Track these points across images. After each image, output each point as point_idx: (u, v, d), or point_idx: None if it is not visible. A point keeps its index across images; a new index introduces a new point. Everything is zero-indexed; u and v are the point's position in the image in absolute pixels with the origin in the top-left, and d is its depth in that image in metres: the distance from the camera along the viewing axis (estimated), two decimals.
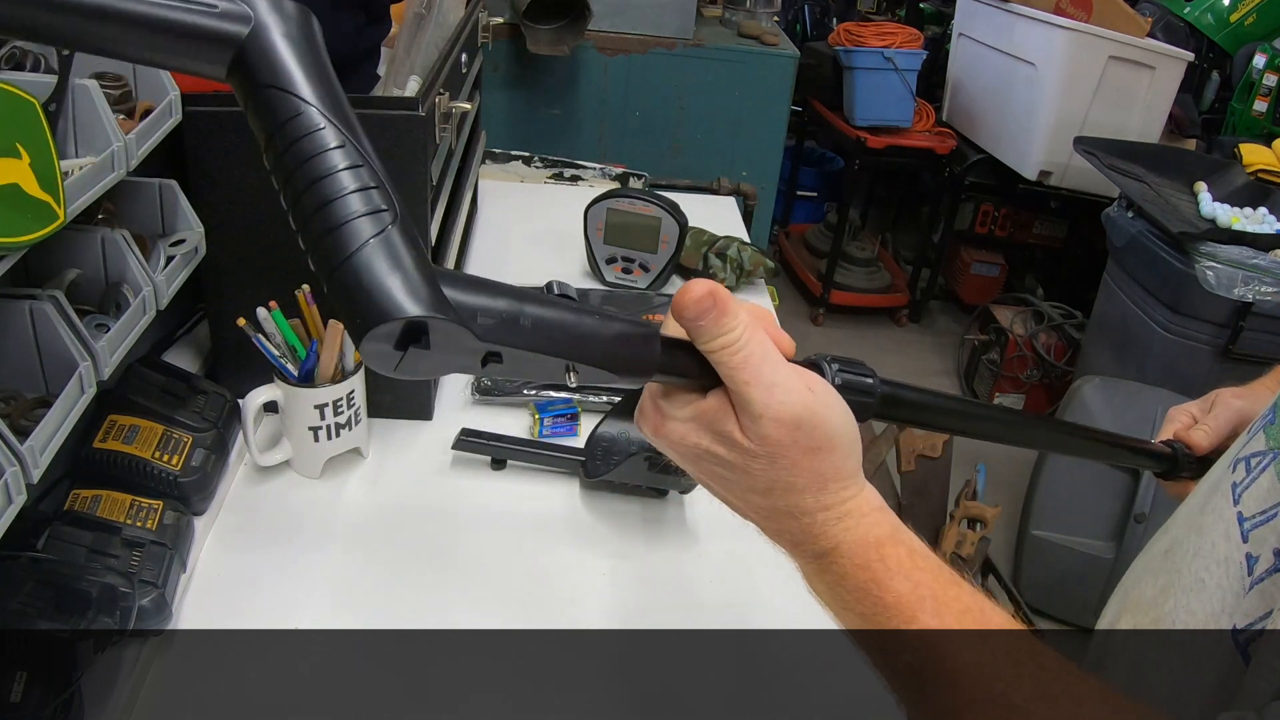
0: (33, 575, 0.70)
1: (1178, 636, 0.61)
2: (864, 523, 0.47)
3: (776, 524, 0.48)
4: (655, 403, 0.49)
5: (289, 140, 0.37)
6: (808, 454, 0.45)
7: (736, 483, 0.47)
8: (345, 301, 0.35)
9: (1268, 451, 0.59)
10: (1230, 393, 0.84)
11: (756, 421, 0.45)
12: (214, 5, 0.38)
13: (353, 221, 0.36)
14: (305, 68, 0.39)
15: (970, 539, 2.00)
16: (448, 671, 0.81)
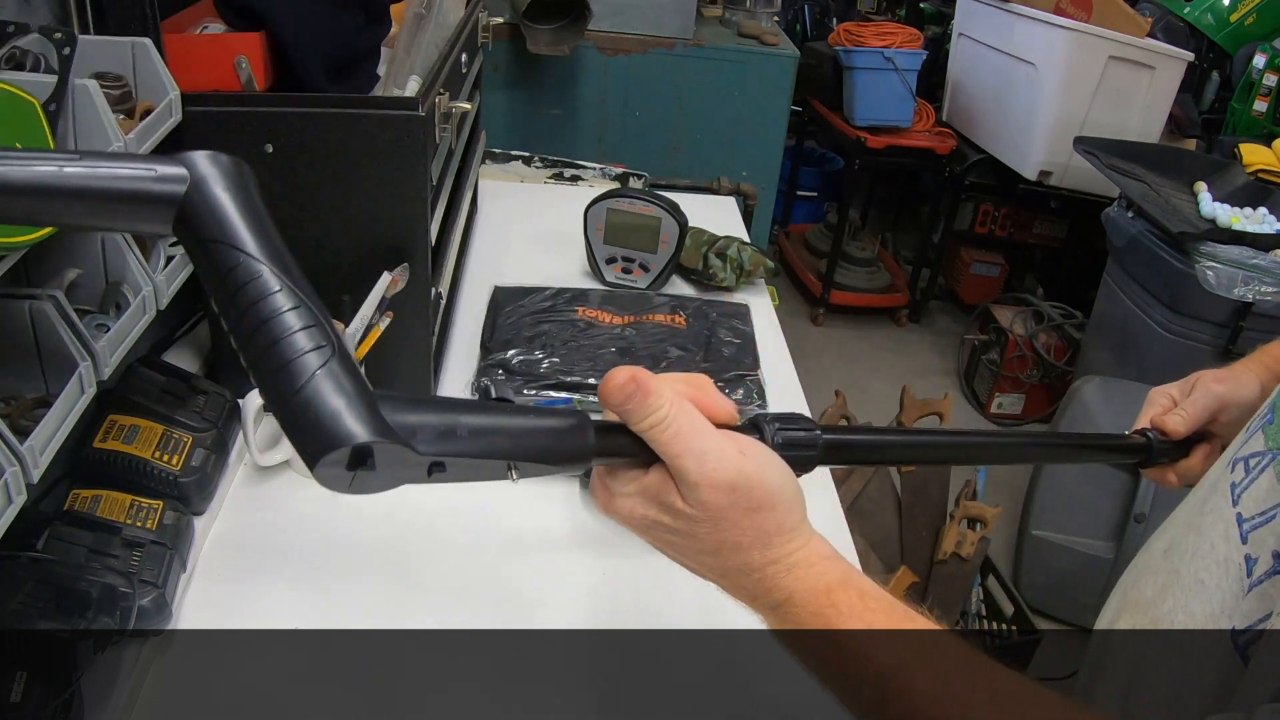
0: (33, 575, 0.70)
1: (1176, 637, 0.61)
2: (813, 572, 0.48)
3: (731, 581, 0.50)
4: (603, 481, 0.50)
5: (234, 289, 0.40)
6: (748, 514, 0.47)
7: (687, 547, 0.49)
8: (298, 432, 0.38)
9: (1266, 452, 0.58)
10: (1211, 376, 0.83)
11: (694, 490, 0.47)
12: (152, 169, 0.40)
13: (298, 359, 0.39)
14: (243, 217, 0.41)
15: (970, 539, 2.00)
16: (448, 671, 0.81)
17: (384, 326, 0.97)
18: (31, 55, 0.75)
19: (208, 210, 0.41)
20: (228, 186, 0.42)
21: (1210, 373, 0.84)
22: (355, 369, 0.40)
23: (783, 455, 0.50)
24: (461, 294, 1.39)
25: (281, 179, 0.94)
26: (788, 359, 1.34)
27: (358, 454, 0.38)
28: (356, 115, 0.92)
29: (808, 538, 0.49)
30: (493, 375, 1.16)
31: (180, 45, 0.95)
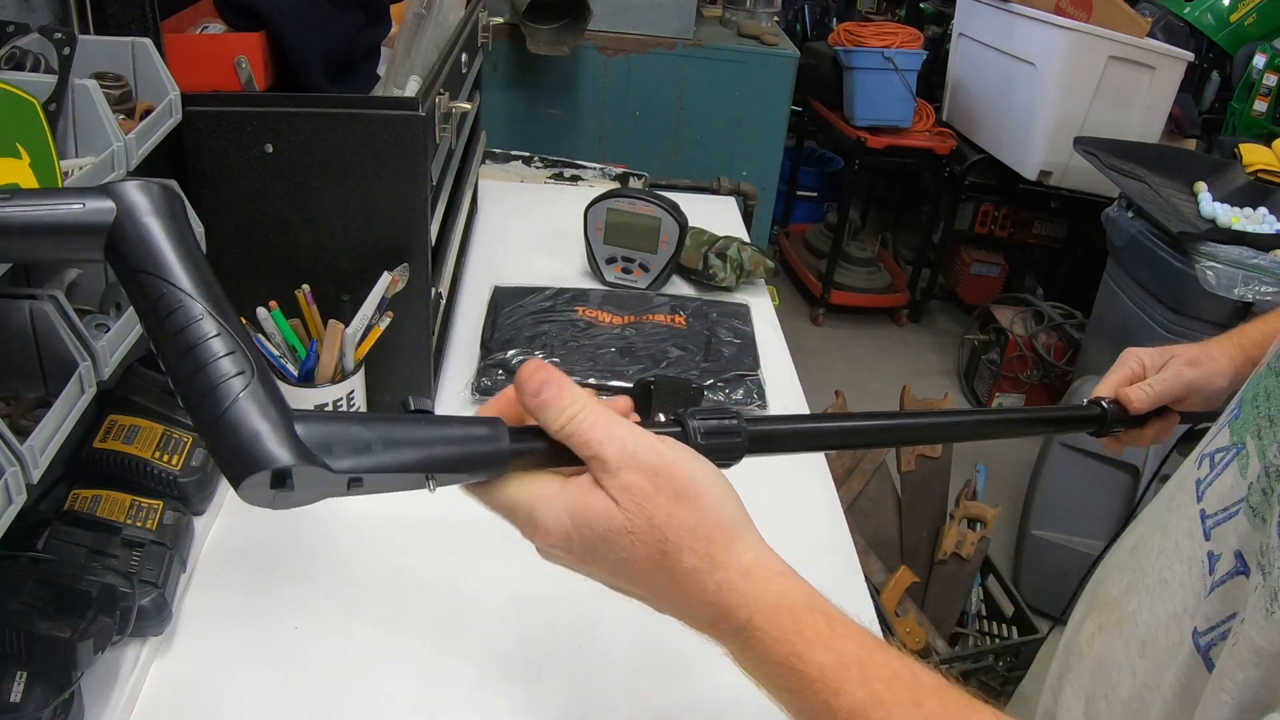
0: (33, 575, 0.70)
1: (1140, 636, 0.61)
2: (772, 587, 0.45)
3: (686, 601, 0.46)
4: (529, 518, 0.47)
5: (160, 317, 0.42)
6: (676, 501, 0.44)
7: (631, 562, 0.45)
8: (221, 456, 0.41)
9: (1231, 446, 0.58)
10: (1185, 359, 0.83)
11: (616, 475, 0.45)
12: (80, 203, 0.42)
13: (220, 385, 0.40)
14: (169, 247, 0.43)
15: (970, 539, 2.00)
16: (448, 669, 0.81)
17: (384, 326, 0.97)
18: (31, 55, 0.75)
19: (136, 240, 0.42)
20: (156, 216, 0.43)
21: (1185, 353, 0.84)
22: (275, 391, 0.42)
23: (707, 444, 0.49)
24: (461, 294, 1.39)
25: (281, 179, 0.94)
26: (788, 359, 1.34)
27: (277, 475, 0.40)
28: (356, 115, 0.92)
29: (757, 543, 0.46)
30: (493, 375, 1.16)
31: (180, 45, 0.95)
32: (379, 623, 0.85)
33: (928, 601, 1.97)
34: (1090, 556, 0.79)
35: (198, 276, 0.43)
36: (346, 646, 0.82)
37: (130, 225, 0.42)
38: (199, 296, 0.42)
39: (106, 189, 0.43)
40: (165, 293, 0.42)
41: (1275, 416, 0.54)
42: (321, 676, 0.79)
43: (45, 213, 0.42)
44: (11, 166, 0.63)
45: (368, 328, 0.96)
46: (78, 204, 0.42)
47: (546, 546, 0.47)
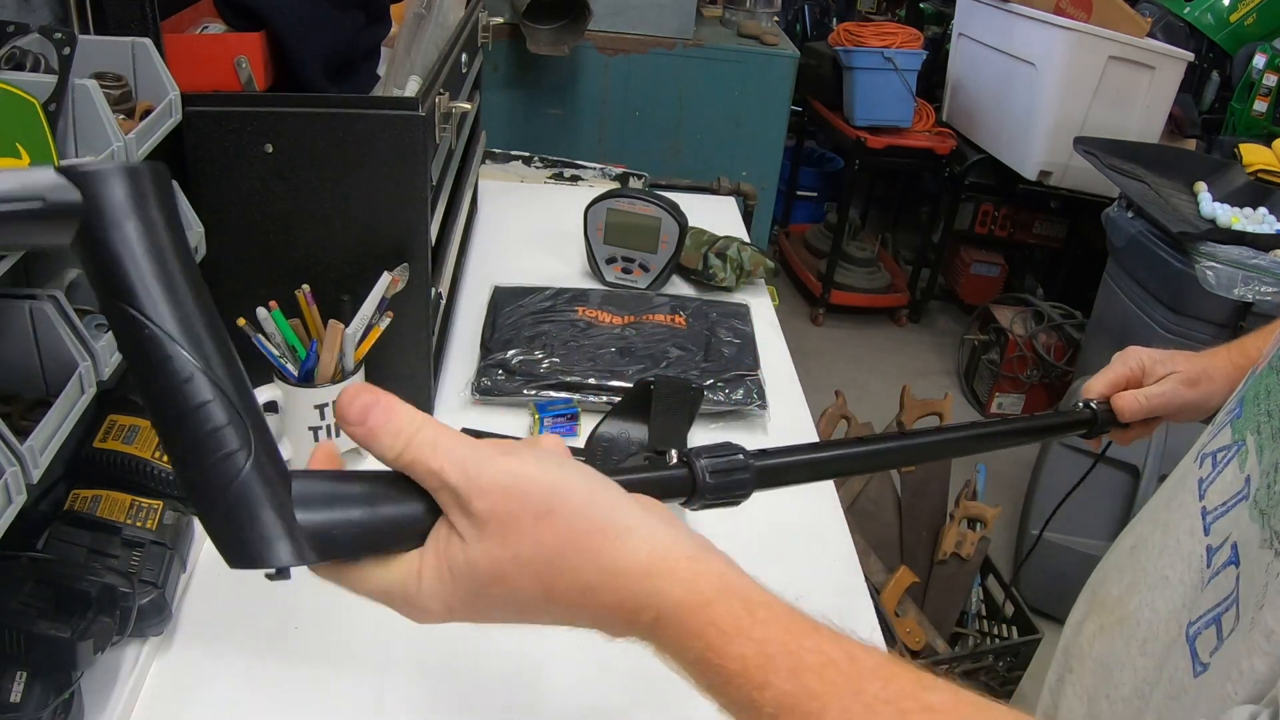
0: (33, 575, 0.70)
1: (1142, 635, 0.61)
2: (676, 579, 0.40)
3: (592, 618, 0.42)
4: (405, 599, 0.42)
5: (145, 366, 0.36)
6: (540, 521, 0.40)
7: (521, 602, 0.41)
8: (216, 539, 0.38)
9: (1232, 445, 0.58)
10: (1184, 379, 0.84)
11: (468, 508, 0.40)
12: (38, 199, 0.34)
13: (216, 465, 0.36)
14: (153, 268, 0.35)
15: (970, 539, 2.00)
16: (449, 669, 0.81)
17: (384, 326, 0.97)
18: (31, 55, 0.75)
19: (109, 257, 0.35)
20: (135, 219, 0.35)
21: (1186, 369, 0.84)
22: (274, 460, 0.38)
23: (715, 484, 0.46)
24: (461, 294, 1.39)
25: (281, 179, 0.94)
26: (788, 359, 1.34)
27: (278, 570, 0.38)
28: (356, 115, 0.92)
29: (653, 532, 0.41)
30: (493, 375, 1.16)
31: (180, 45, 0.95)
32: (379, 623, 0.84)
33: (928, 601, 1.97)
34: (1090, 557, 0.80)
35: (187, 310, 0.36)
36: (347, 647, 0.82)
37: (102, 232, 0.35)
38: (189, 346, 0.36)
39: (75, 175, 0.35)
40: (149, 336, 0.35)
41: (1274, 411, 0.54)
42: (322, 676, 0.79)
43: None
44: (11, 167, 0.63)
45: (368, 328, 0.96)
46: (35, 201, 0.34)
47: (427, 617, 0.43)
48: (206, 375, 0.36)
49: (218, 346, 0.37)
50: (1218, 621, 0.51)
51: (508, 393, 1.14)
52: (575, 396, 1.14)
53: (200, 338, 0.36)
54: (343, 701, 0.77)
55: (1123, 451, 2.15)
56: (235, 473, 0.36)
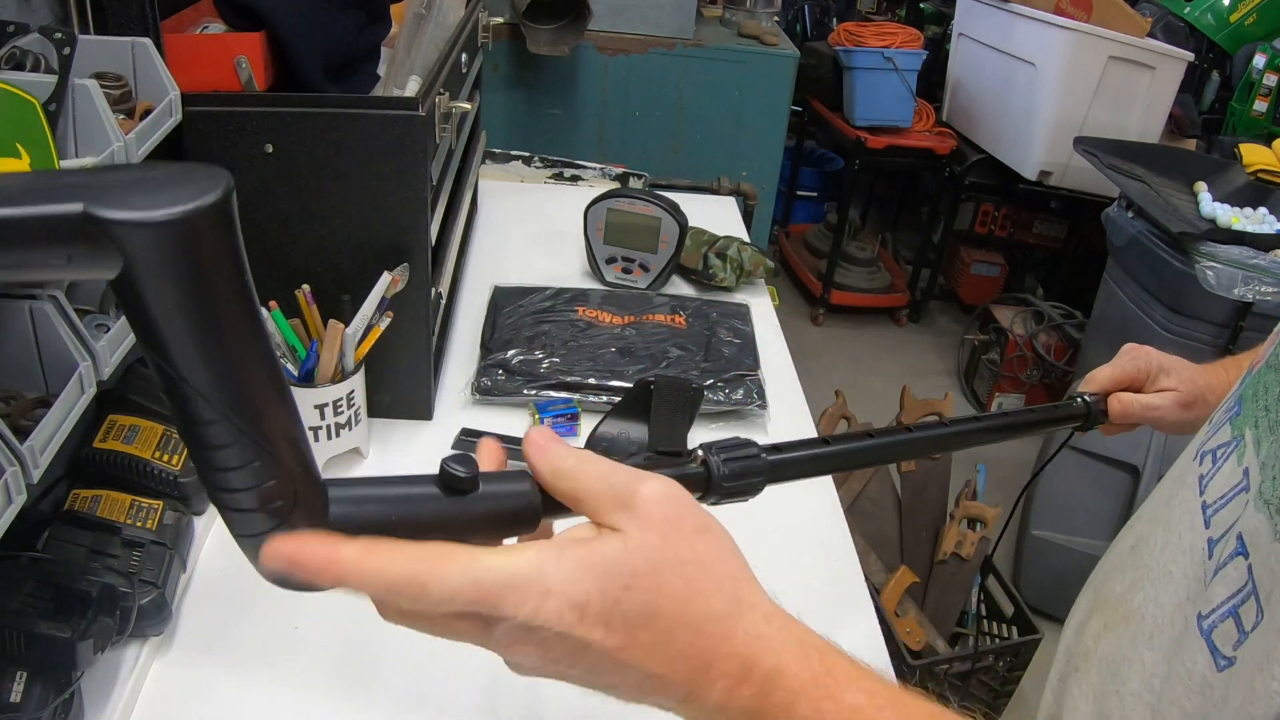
0: (33, 575, 0.70)
1: (1148, 629, 0.61)
2: (794, 631, 0.40)
3: (706, 657, 0.38)
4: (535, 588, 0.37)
5: (187, 424, 0.34)
6: (699, 534, 0.39)
7: (655, 616, 0.38)
8: (249, 555, 0.37)
9: (1232, 440, 0.59)
10: (1182, 400, 0.85)
11: (633, 504, 0.38)
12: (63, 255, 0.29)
13: (254, 514, 0.36)
14: (197, 334, 0.32)
15: (970, 539, 2.00)
16: (448, 669, 0.81)
17: (384, 326, 0.97)
18: (31, 55, 0.75)
19: (148, 320, 0.31)
20: (177, 280, 0.30)
21: (1186, 389, 0.85)
22: (316, 506, 0.37)
23: (730, 483, 0.47)
24: (461, 294, 1.39)
25: (281, 179, 0.94)
26: (788, 359, 1.34)
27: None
28: (356, 115, 0.92)
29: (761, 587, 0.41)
30: (493, 375, 1.16)
31: (180, 45, 0.95)
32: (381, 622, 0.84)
33: (928, 601, 1.97)
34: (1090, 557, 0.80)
35: (219, 362, 0.32)
36: (347, 647, 0.82)
37: (141, 290, 0.30)
38: (230, 406, 0.33)
39: (111, 232, 0.29)
40: (190, 399, 0.33)
41: (1272, 406, 0.55)
42: (322, 677, 0.79)
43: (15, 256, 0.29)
44: (11, 166, 0.63)
45: (368, 328, 0.96)
46: (59, 259, 0.29)
47: (551, 621, 0.37)
48: (252, 440, 0.34)
49: (256, 393, 0.34)
50: (1235, 614, 0.52)
51: (508, 393, 1.14)
52: (575, 396, 1.14)
53: (232, 387, 0.33)
54: (343, 701, 0.77)
55: (1123, 451, 2.15)
56: (275, 524, 0.36)
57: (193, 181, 0.30)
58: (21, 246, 0.29)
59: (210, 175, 0.31)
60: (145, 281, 0.30)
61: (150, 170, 0.31)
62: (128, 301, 0.31)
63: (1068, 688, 0.71)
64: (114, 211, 0.28)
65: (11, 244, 0.29)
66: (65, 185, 0.29)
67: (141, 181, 0.30)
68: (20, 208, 0.28)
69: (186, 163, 0.33)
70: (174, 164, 0.32)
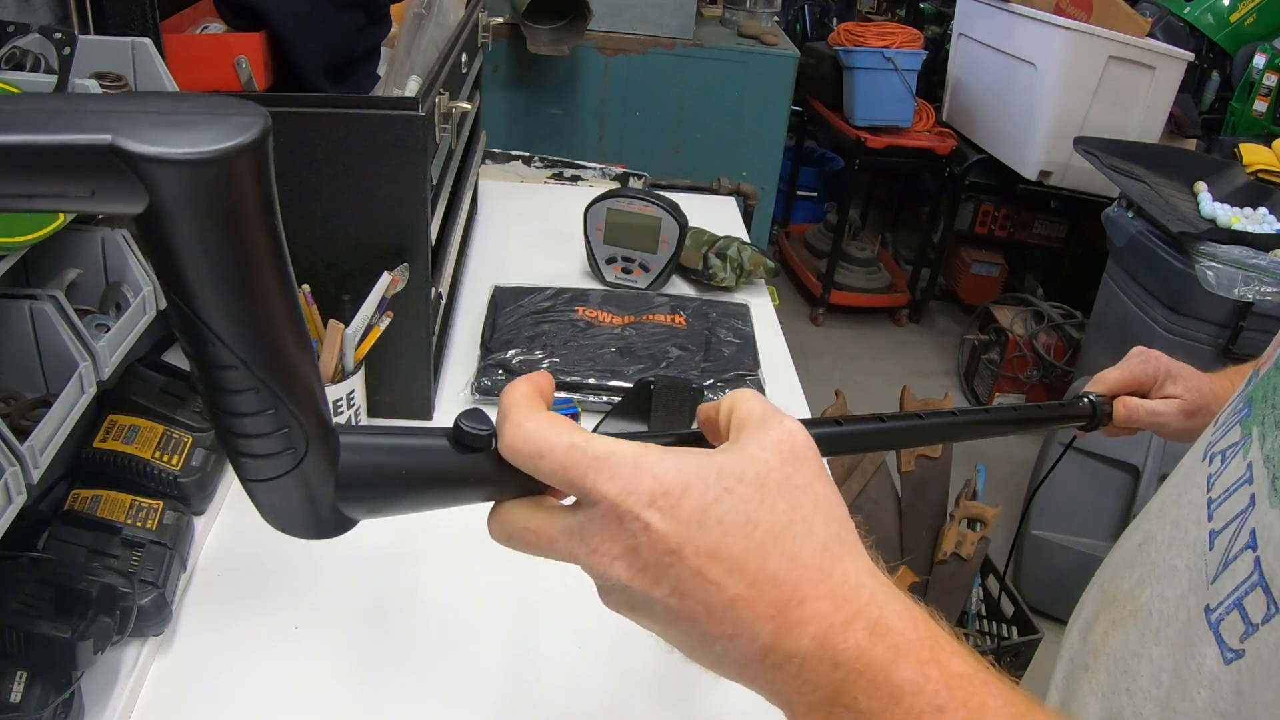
0: (33, 575, 0.70)
1: (1155, 624, 0.61)
2: (893, 586, 0.37)
3: (799, 591, 0.35)
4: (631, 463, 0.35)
5: (204, 369, 0.33)
6: (818, 476, 0.37)
7: (751, 525, 0.35)
8: (257, 504, 0.37)
9: (1241, 440, 0.59)
10: (1186, 408, 0.85)
11: (765, 428, 0.37)
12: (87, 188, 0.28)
13: (265, 458, 0.35)
14: (219, 273, 0.30)
15: (970, 539, 2.00)
16: (447, 668, 0.81)
17: (384, 326, 0.97)
18: (31, 55, 0.76)
19: (169, 257, 0.30)
20: (204, 219, 0.29)
21: (1193, 399, 0.85)
22: (328, 453, 0.36)
23: None
24: (461, 294, 1.40)
25: (281, 179, 0.93)
26: (788, 359, 1.34)
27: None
28: (356, 115, 0.92)
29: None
30: (493, 375, 1.16)
31: (180, 45, 0.95)
32: (380, 623, 0.85)
33: (928, 601, 1.95)
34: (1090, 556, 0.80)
35: (253, 311, 0.32)
36: (347, 647, 0.82)
37: (166, 228, 0.29)
38: (250, 354, 0.32)
39: (138, 167, 0.27)
40: (208, 343, 0.32)
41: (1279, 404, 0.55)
42: (322, 677, 0.79)
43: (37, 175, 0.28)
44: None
45: (368, 328, 0.96)
46: (83, 191, 0.28)
47: (643, 505, 0.34)
48: (268, 387, 0.33)
49: (277, 342, 0.33)
50: (1239, 606, 0.52)
51: None
52: (575, 396, 1.14)
53: (253, 336, 0.32)
54: (343, 702, 0.77)
55: (1123, 451, 2.15)
56: (286, 468, 0.35)
57: (228, 118, 0.29)
58: (43, 175, 0.27)
59: (247, 112, 0.29)
60: (171, 221, 0.29)
61: (185, 102, 0.30)
62: (151, 238, 0.29)
63: (1076, 687, 0.71)
64: (143, 146, 0.27)
65: (33, 171, 0.27)
66: (93, 112, 0.28)
67: (174, 114, 0.29)
68: (44, 134, 0.27)
69: (225, 95, 0.32)
70: (212, 97, 0.31)
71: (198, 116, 0.29)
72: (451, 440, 0.38)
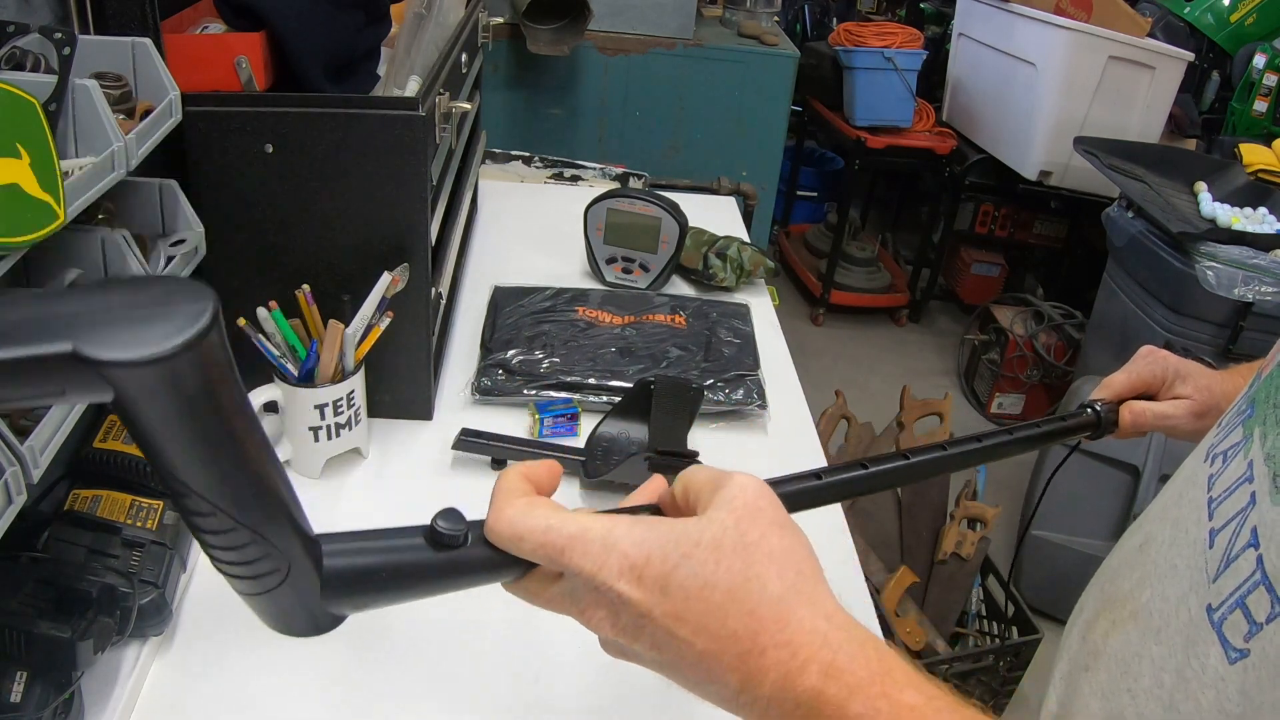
0: (33, 575, 0.70)
1: (1156, 624, 0.61)
2: (855, 633, 0.40)
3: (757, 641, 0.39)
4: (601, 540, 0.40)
5: (185, 515, 0.38)
6: (774, 527, 0.41)
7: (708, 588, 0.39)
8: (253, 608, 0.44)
9: (1242, 441, 0.59)
10: (1195, 409, 0.84)
11: (721, 489, 0.41)
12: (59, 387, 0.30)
13: (253, 579, 0.40)
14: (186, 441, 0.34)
15: (970, 539, 2.00)
16: (448, 669, 0.81)
17: (384, 326, 0.97)
18: (31, 55, 0.75)
19: (141, 432, 0.33)
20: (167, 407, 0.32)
21: (1202, 399, 0.85)
22: (313, 564, 0.41)
23: None
24: (461, 294, 1.39)
25: (281, 179, 0.94)
26: (788, 359, 1.34)
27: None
28: (356, 115, 0.92)
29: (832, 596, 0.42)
30: (493, 375, 1.16)
31: (180, 45, 0.95)
32: (380, 623, 0.85)
33: (928, 601, 1.97)
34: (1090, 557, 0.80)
35: (229, 472, 0.35)
36: (347, 646, 0.82)
37: (134, 414, 0.32)
38: (230, 504, 0.36)
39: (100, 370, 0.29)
40: (186, 496, 0.36)
41: None
42: (322, 676, 0.79)
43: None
44: (11, 166, 0.63)
45: (368, 328, 0.96)
46: (54, 392, 0.30)
47: (613, 578, 0.39)
48: (245, 526, 0.37)
49: (249, 490, 0.37)
50: (1242, 605, 0.52)
51: (508, 393, 1.14)
52: (575, 396, 1.14)
53: (225, 488, 0.36)
54: (345, 702, 0.77)
55: (1123, 452, 2.15)
56: (272, 586, 0.40)
57: (178, 306, 0.31)
58: (14, 384, 0.30)
59: (195, 296, 0.31)
60: (137, 407, 0.31)
61: (135, 292, 0.32)
62: (123, 419, 0.32)
63: (1076, 688, 0.71)
64: (102, 351, 0.29)
65: (3, 382, 0.29)
66: (53, 320, 0.30)
67: (128, 311, 0.31)
68: (9, 349, 0.29)
69: (170, 279, 0.33)
70: (158, 282, 0.33)
71: (151, 309, 0.31)
72: (428, 540, 0.41)
